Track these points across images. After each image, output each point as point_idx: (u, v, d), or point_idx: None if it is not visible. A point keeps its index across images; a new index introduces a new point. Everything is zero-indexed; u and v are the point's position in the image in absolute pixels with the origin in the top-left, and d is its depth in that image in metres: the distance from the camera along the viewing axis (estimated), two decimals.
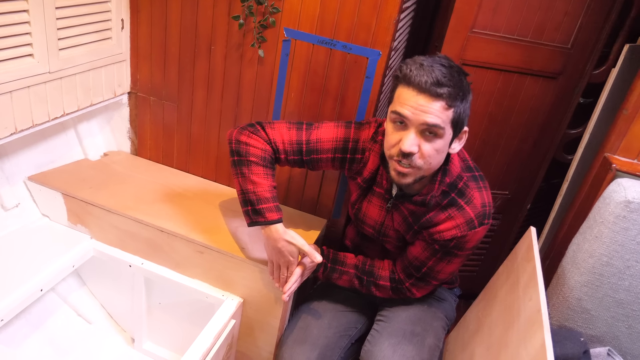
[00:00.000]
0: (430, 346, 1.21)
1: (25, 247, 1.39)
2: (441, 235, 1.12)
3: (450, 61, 0.99)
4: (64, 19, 1.25)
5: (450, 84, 0.95)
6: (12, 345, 1.40)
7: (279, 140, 1.19)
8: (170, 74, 1.51)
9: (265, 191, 1.15)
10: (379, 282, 1.25)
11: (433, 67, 0.95)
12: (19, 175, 1.45)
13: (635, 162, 1.21)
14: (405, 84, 0.98)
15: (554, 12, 1.46)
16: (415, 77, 0.95)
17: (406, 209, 1.17)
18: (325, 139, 1.20)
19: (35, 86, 1.24)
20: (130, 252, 1.45)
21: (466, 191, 1.11)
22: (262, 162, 1.17)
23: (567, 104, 1.63)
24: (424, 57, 0.99)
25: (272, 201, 1.15)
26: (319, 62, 1.32)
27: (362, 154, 1.20)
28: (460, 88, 0.97)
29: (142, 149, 1.69)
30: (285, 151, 1.20)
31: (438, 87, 0.94)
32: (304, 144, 1.20)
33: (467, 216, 1.10)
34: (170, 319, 1.55)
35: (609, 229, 1.10)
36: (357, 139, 1.19)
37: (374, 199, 1.23)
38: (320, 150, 1.20)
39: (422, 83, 0.94)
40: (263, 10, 1.30)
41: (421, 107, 0.96)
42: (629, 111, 1.18)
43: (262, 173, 1.16)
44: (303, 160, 1.22)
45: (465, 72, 1.01)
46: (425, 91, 0.95)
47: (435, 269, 1.18)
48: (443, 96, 0.95)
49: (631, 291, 1.13)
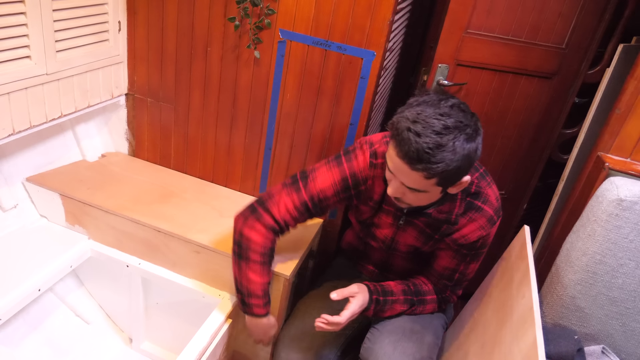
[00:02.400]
0: (429, 343, 1.22)
1: (24, 247, 1.40)
2: (467, 239, 1.13)
3: (450, 118, 0.91)
4: (61, 21, 1.26)
5: (432, 159, 0.90)
6: (10, 345, 1.41)
7: (284, 213, 1.17)
8: (167, 75, 1.52)
9: (257, 289, 1.20)
10: (426, 297, 1.25)
11: (420, 136, 0.89)
12: (17, 176, 1.46)
13: (628, 161, 1.22)
14: (392, 140, 0.95)
15: (548, 13, 1.47)
16: (401, 140, 0.92)
17: (421, 222, 1.17)
18: (325, 187, 1.17)
19: (33, 88, 1.25)
20: (127, 252, 1.46)
21: (480, 192, 1.12)
22: (260, 258, 1.19)
23: (562, 104, 1.63)
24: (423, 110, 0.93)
25: (261, 298, 1.22)
26: (314, 63, 1.33)
27: (365, 183, 1.17)
28: (447, 159, 0.90)
29: (140, 150, 1.70)
30: (294, 219, 1.19)
31: (417, 162, 0.91)
32: (309, 202, 1.17)
33: (487, 215, 1.12)
34: (168, 319, 1.56)
35: (602, 227, 1.10)
36: (353, 173, 1.16)
37: (383, 217, 1.22)
38: (325, 199, 1.18)
39: (404, 151, 0.92)
40: (258, 11, 1.31)
41: (402, 170, 0.95)
42: (621, 110, 1.19)
43: (258, 271, 1.19)
44: (312, 214, 1.21)
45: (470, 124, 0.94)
46: (403, 159, 0.93)
47: (466, 272, 1.21)
48: (420, 170, 0.92)
49: (624, 289, 1.13)
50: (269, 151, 1.51)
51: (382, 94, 1.54)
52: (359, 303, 1.15)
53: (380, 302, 1.20)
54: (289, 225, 1.20)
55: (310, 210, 1.19)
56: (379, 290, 1.21)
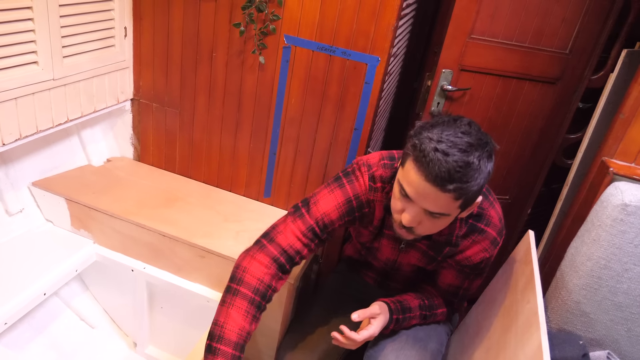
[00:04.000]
0: (432, 351, 1.22)
1: (29, 251, 1.41)
2: (470, 260, 1.12)
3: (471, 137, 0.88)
4: (68, 27, 1.27)
5: (463, 178, 0.86)
6: (16, 348, 1.41)
7: (292, 240, 1.08)
8: (173, 80, 1.53)
9: (232, 333, 0.97)
10: (438, 310, 1.25)
11: (449, 155, 0.85)
12: (23, 180, 1.47)
13: (632, 166, 1.22)
14: (416, 164, 0.88)
15: (552, 18, 1.48)
16: (427, 163, 0.86)
17: (423, 244, 1.15)
18: (329, 210, 1.11)
19: (40, 93, 1.26)
20: (132, 256, 1.47)
21: (482, 213, 1.09)
22: (251, 294, 1.01)
23: (566, 109, 1.64)
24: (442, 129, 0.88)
25: (232, 348, 0.96)
26: (318, 68, 1.34)
27: (369, 206, 1.13)
28: (475, 177, 0.87)
29: (145, 154, 1.71)
30: (305, 245, 1.09)
31: (448, 183, 0.85)
32: (316, 226, 1.10)
33: (491, 237, 1.10)
34: (172, 323, 1.56)
35: (606, 232, 1.10)
36: (357, 194, 1.11)
37: (384, 241, 1.21)
38: (331, 222, 1.11)
39: (433, 175, 0.86)
40: (263, 17, 1.32)
41: (427, 195, 0.89)
42: (625, 115, 1.19)
43: (243, 309, 1.00)
44: (322, 240, 1.12)
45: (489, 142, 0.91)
46: (433, 182, 0.86)
47: (470, 288, 1.21)
48: (451, 191, 0.86)
49: (630, 294, 1.13)
50: (273, 156, 1.52)
51: (386, 99, 1.54)
52: (380, 324, 1.11)
53: (400, 320, 1.17)
54: (300, 254, 1.09)
55: (319, 236, 1.10)
56: (399, 309, 1.17)
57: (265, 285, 1.03)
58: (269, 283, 1.04)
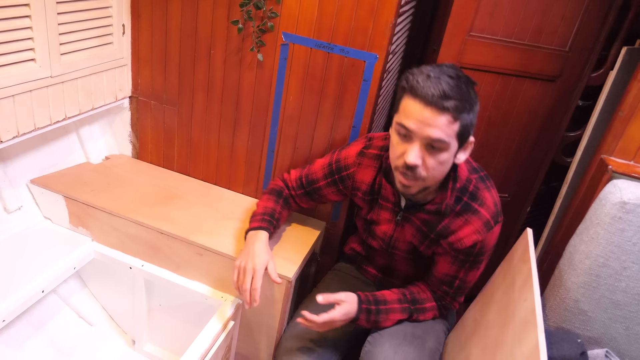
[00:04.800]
0: (430, 349, 1.22)
1: (27, 249, 1.41)
2: (462, 243, 1.12)
3: (457, 71, 0.97)
4: (65, 24, 1.27)
5: (457, 96, 0.92)
6: (14, 346, 1.42)
7: (288, 179, 1.38)
8: (171, 78, 1.53)
9: (260, 208, 1.33)
10: (425, 305, 1.24)
11: (440, 79, 0.93)
12: (22, 178, 1.47)
13: (631, 164, 1.21)
14: (411, 96, 0.96)
15: (551, 16, 1.47)
16: (422, 89, 0.93)
17: (418, 219, 1.17)
18: (318, 168, 1.31)
19: (38, 90, 1.26)
20: (130, 254, 1.47)
21: (477, 193, 1.11)
22: (269, 191, 1.37)
23: (565, 107, 1.63)
24: (430, 67, 0.97)
25: (260, 215, 1.30)
26: (317, 66, 1.34)
27: (347, 170, 1.25)
28: (467, 100, 0.95)
29: (143, 152, 1.71)
30: (293, 187, 1.37)
31: (444, 100, 0.92)
32: (304, 178, 1.34)
33: (484, 218, 1.10)
34: (171, 321, 1.56)
35: (605, 230, 1.10)
36: (339, 159, 1.27)
37: (382, 213, 1.23)
38: (317, 179, 1.32)
39: (429, 96, 0.92)
40: (262, 14, 1.32)
41: (427, 120, 0.94)
42: (624, 113, 1.19)
43: (265, 198, 1.36)
44: (308, 192, 1.35)
45: (473, 82, 0.98)
46: (431, 104, 0.93)
47: (467, 280, 1.19)
48: (449, 109, 0.92)
49: (628, 292, 1.13)
50: (271, 153, 1.52)
51: (385, 96, 1.54)
52: (343, 311, 1.14)
53: (372, 311, 1.18)
54: (290, 190, 1.37)
55: (304, 187, 1.34)
56: (370, 300, 1.19)
57: (278, 187, 1.38)
58: (282, 186, 1.38)
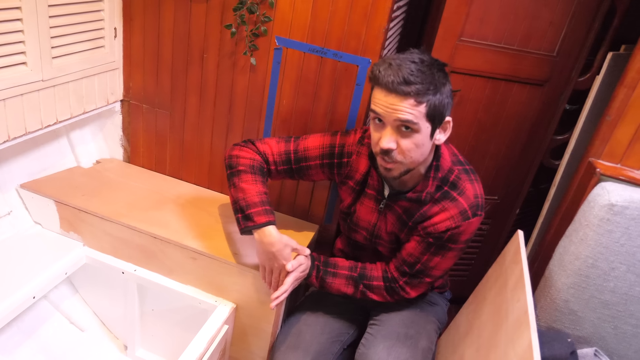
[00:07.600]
0: (423, 349, 1.23)
1: (18, 254, 1.39)
2: (435, 228, 1.13)
3: (423, 55, 1.01)
4: (57, 27, 1.26)
5: (417, 80, 0.97)
6: (4, 353, 1.40)
7: (268, 152, 1.27)
8: (163, 81, 1.52)
9: (253, 196, 1.18)
10: (372, 282, 1.25)
11: (401, 66, 0.98)
12: (11, 182, 1.45)
13: (618, 167, 1.24)
14: (376, 85, 1.02)
15: (540, 21, 1.50)
16: (383, 77, 0.99)
17: (400, 207, 1.18)
18: (312, 146, 1.27)
19: (29, 94, 1.25)
20: (123, 259, 1.46)
21: (458, 183, 1.13)
22: (250, 170, 1.22)
23: (553, 111, 1.66)
24: (396, 55, 1.02)
25: (260, 205, 1.18)
26: (310, 70, 1.35)
27: (349, 157, 1.24)
28: (431, 82, 0.99)
29: (135, 156, 1.70)
30: (274, 162, 1.27)
31: (405, 85, 0.97)
32: (292, 153, 1.27)
33: (461, 207, 1.12)
34: (164, 326, 1.55)
35: (593, 232, 1.13)
36: (342, 144, 1.25)
37: (366, 201, 1.24)
38: (308, 157, 1.27)
39: (389, 83, 0.98)
40: (255, 19, 1.32)
41: (392, 105, 1.00)
42: (612, 117, 1.22)
43: (250, 180, 1.21)
44: (292, 169, 1.28)
45: (442, 63, 1.03)
46: (393, 91, 0.99)
47: (429, 265, 1.18)
48: (411, 94, 0.97)
49: (616, 292, 1.15)
50: None
51: None
52: (298, 261, 1.20)
53: (321, 271, 1.25)
54: (269, 165, 1.27)
55: (291, 164, 1.27)
56: (322, 260, 1.28)
57: (258, 162, 1.24)
58: (261, 162, 1.25)
